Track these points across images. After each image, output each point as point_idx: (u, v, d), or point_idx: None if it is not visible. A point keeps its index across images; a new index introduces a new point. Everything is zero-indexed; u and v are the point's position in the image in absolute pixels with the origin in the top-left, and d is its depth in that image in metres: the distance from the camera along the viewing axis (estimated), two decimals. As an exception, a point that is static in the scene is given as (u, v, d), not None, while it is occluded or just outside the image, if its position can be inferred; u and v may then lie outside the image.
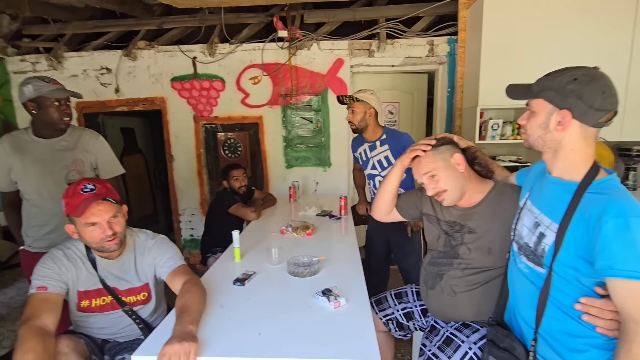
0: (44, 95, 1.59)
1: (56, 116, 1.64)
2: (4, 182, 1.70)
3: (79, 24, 3.31)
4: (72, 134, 1.76)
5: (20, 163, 1.65)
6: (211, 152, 3.45)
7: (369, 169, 2.23)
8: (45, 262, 1.25)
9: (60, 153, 1.71)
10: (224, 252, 1.83)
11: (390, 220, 1.54)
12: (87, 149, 1.78)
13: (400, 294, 1.57)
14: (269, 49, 3.15)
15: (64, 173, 1.70)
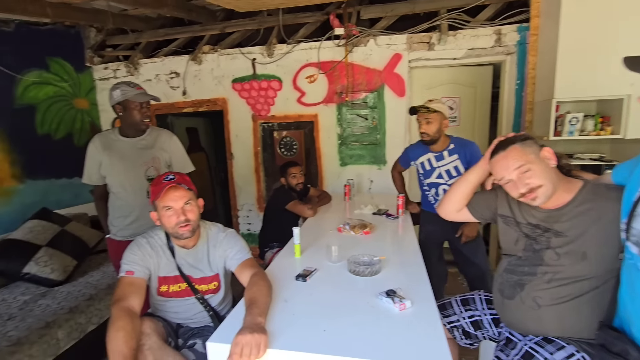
0: (129, 99, 1.78)
1: (138, 118, 1.81)
2: (95, 176, 1.90)
3: (152, 33, 3.61)
4: (151, 134, 1.93)
5: (108, 159, 1.84)
6: (268, 150, 3.57)
7: (433, 178, 2.20)
8: (132, 249, 1.38)
9: (140, 151, 1.88)
10: (283, 248, 1.88)
11: (457, 219, 1.46)
12: (163, 147, 1.94)
13: (467, 300, 1.48)
14: (325, 47, 3.17)
15: (143, 169, 1.88)
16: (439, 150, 2.16)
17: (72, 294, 2.25)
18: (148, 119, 1.86)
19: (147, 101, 1.83)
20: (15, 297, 2.19)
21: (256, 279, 1.28)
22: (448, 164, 2.15)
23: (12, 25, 2.91)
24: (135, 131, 1.89)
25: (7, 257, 2.31)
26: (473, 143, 2.17)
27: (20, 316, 1.98)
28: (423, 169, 2.26)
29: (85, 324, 2.13)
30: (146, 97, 1.81)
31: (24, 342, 1.79)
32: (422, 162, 2.26)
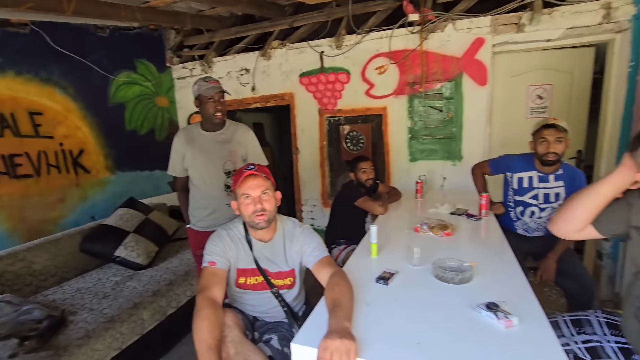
0: (202, 93, 1.83)
1: (211, 111, 1.86)
2: (178, 169, 1.99)
3: (224, 32, 3.74)
4: (229, 128, 1.97)
5: (191, 153, 1.91)
6: (333, 144, 3.50)
7: (527, 197, 2.07)
8: (214, 240, 1.40)
9: (219, 145, 1.93)
10: (351, 245, 1.78)
11: (577, 239, 1.21)
12: (240, 141, 1.97)
13: (580, 321, 1.25)
14: (397, 35, 2.99)
15: (221, 163, 1.92)
16: (546, 173, 2.00)
17: (154, 278, 2.41)
18: (220, 113, 1.89)
19: (219, 95, 1.86)
20: (108, 278, 2.41)
21: (337, 279, 1.21)
22: (551, 188, 2.01)
23: (107, 30, 3.21)
24: (213, 125, 1.94)
25: (103, 240, 2.55)
26: (582, 173, 2.02)
27: (113, 295, 2.17)
28: (519, 185, 2.09)
29: (166, 307, 2.26)
30: (212, 90, 1.84)
31: (116, 320, 1.94)
32: (521, 177, 2.09)
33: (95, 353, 1.79)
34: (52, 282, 2.35)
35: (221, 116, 1.92)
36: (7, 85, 2.48)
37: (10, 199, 2.52)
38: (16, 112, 2.54)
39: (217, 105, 1.88)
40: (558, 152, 1.90)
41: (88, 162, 3.05)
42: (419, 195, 2.67)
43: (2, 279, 2.10)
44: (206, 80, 1.88)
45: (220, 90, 1.89)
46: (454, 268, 1.38)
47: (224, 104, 1.93)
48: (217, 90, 1.86)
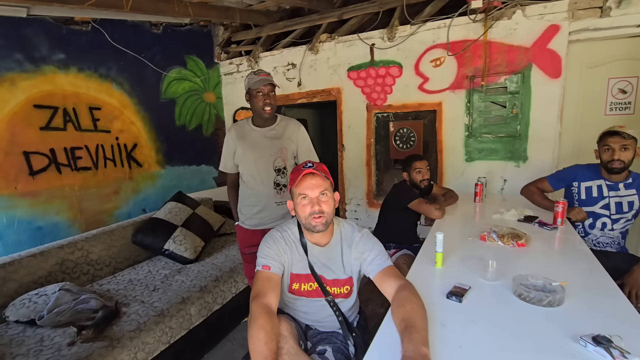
0: (251, 87, 1.76)
1: (259, 105, 1.79)
2: (229, 165, 1.96)
3: (272, 26, 3.70)
4: (280, 124, 1.89)
5: (241, 148, 1.86)
6: (381, 142, 3.34)
7: (597, 207, 1.97)
8: (268, 242, 1.32)
9: (270, 141, 1.86)
10: (418, 254, 1.63)
11: None
12: (291, 138, 1.89)
13: None
14: (456, 24, 2.76)
15: (272, 160, 1.85)
16: (615, 181, 1.93)
17: (201, 273, 2.41)
18: (269, 107, 1.80)
19: (268, 88, 1.78)
20: (157, 270, 2.44)
21: (407, 295, 1.07)
22: (623, 197, 1.92)
23: (160, 27, 3.27)
24: (263, 120, 1.87)
25: (154, 233, 2.60)
26: None
27: (162, 289, 2.18)
28: (587, 194, 2.00)
29: (212, 303, 2.25)
30: (262, 82, 1.76)
31: (166, 314, 1.95)
32: (589, 186, 2.00)
33: (146, 346, 1.80)
34: (106, 271, 2.43)
35: (270, 110, 1.83)
36: (70, 81, 2.59)
37: (71, 190, 2.64)
38: (78, 107, 2.65)
39: (266, 98, 1.80)
40: (624, 160, 1.83)
41: (141, 156, 3.14)
42: (478, 199, 2.45)
43: (62, 267, 2.19)
44: (256, 73, 1.81)
45: (270, 83, 1.80)
46: (538, 287, 1.19)
47: (274, 98, 1.84)
48: (266, 83, 1.77)
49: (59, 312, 1.79)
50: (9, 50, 2.26)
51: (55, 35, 2.49)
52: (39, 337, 1.72)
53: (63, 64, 2.54)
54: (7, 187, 2.28)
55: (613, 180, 1.93)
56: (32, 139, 2.39)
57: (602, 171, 1.96)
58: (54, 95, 2.50)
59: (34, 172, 2.41)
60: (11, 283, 1.95)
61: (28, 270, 2.03)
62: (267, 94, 1.80)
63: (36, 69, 2.40)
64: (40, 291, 1.92)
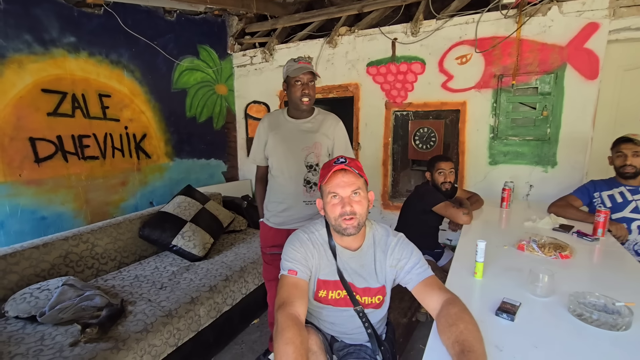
0: (289, 75, 1.62)
1: (297, 95, 1.64)
2: (259, 157, 1.83)
3: (288, 18, 3.57)
4: (317, 117, 1.76)
5: (273, 139, 1.73)
6: (399, 141, 3.21)
7: (626, 212, 1.96)
8: (294, 244, 1.19)
9: (304, 135, 1.72)
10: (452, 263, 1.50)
11: None
12: (327, 133, 1.76)
13: None
14: (486, 20, 2.62)
15: (304, 155, 1.72)
16: (635, 185, 1.97)
17: (210, 271, 2.29)
18: (307, 98, 1.65)
19: (307, 77, 1.63)
20: (165, 267, 2.33)
21: (458, 312, 0.94)
22: None
23: (174, 15, 3.16)
24: (299, 112, 1.73)
25: (162, 228, 2.48)
26: None
27: (170, 287, 2.07)
28: (612, 202, 2.00)
29: (222, 304, 2.13)
30: (301, 70, 1.61)
31: (174, 314, 1.83)
32: (611, 194, 2.02)
33: (152, 349, 1.68)
34: (111, 266, 2.31)
35: (308, 102, 1.67)
36: (80, 66, 2.48)
37: (78, 180, 2.53)
38: (87, 93, 2.54)
39: (305, 88, 1.64)
40: (636, 165, 1.92)
41: (150, 147, 3.03)
42: (505, 205, 2.31)
43: (66, 260, 2.08)
44: (296, 60, 1.65)
45: (310, 72, 1.64)
46: (599, 306, 1.06)
47: (313, 89, 1.68)
48: (305, 71, 1.62)
49: (62, 309, 1.68)
50: (18, 31, 2.15)
51: (66, 17, 2.38)
52: (39, 335, 1.60)
53: (73, 47, 2.43)
54: (12, 173, 2.18)
55: (632, 185, 1.97)
56: (38, 125, 2.28)
57: (618, 178, 2.02)
58: (62, 80, 2.38)
59: (40, 159, 2.31)
60: (12, 275, 1.84)
61: (30, 262, 1.92)
62: (306, 83, 1.64)
63: (45, 51, 2.29)
64: (42, 285, 1.81)
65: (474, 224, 2.06)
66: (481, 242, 1.29)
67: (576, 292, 1.11)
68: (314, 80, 1.66)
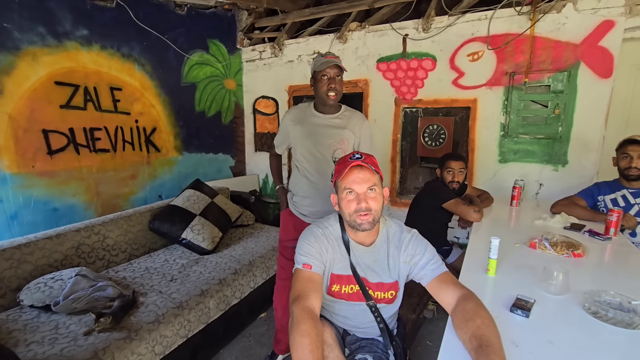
0: (315, 69, 1.62)
1: (323, 90, 1.62)
2: (281, 147, 1.89)
3: (297, 13, 3.56)
4: (345, 114, 1.75)
5: (299, 133, 1.73)
6: (408, 138, 3.20)
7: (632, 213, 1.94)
8: (308, 239, 1.20)
9: (332, 130, 1.71)
10: (464, 260, 1.50)
11: None
12: (354, 130, 1.76)
13: None
14: (499, 17, 2.60)
15: (331, 150, 1.71)
16: (637, 188, 1.96)
17: (219, 265, 2.31)
18: (334, 93, 1.62)
19: (334, 71, 1.60)
20: (174, 260, 2.35)
21: (474, 307, 0.94)
22: None
23: (184, 9, 3.16)
24: (324, 106, 1.72)
25: (171, 221, 2.50)
26: None
27: (180, 279, 2.09)
28: (614, 206, 1.98)
29: (230, 297, 2.15)
30: (327, 64, 1.58)
31: (185, 306, 1.85)
32: (613, 197, 2.02)
33: (164, 340, 1.70)
34: (122, 258, 2.34)
35: (335, 97, 1.64)
36: (92, 59, 2.49)
37: (89, 172, 2.56)
38: (99, 86, 2.55)
39: (332, 83, 1.60)
40: None
41: (159, 140, 3.05)
42: (515, 203, 2.30)
43: (78, 251, 2.10)
44: (323, 55, 1.64)
45: (337, 65, 1.61)
46: (614, 305, 1.06)
47: (340, 83, 1.65)
48: (332, 65, 1.59)
49: (75, 299, 1.70)
50: (32, 23, 2.16)
51: (79, 10, 2.39)
52: (53, 323, 1.63)
53: (86, 40, 2.44)
54: (25, 165, 2.20)
55: (634, 187, 1.96)
56: (51, 117, 2.30)
57: (621, 180, 2.01)
58: (75, 73, 2.40)
59: (52, 151, 2.33)
60: (26, 265, 1.86)
61: (44, 252, 1.94)
62: (333, 77, 1.61)
63: (59, 44, 2.30)
64: (56, 275, 1.84)
65: (484, 222, 2.05)
66: (495, 239, 1.29)
67: (591, 290, 1.10)
68: (340, 74, 1.63)
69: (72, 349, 1.46)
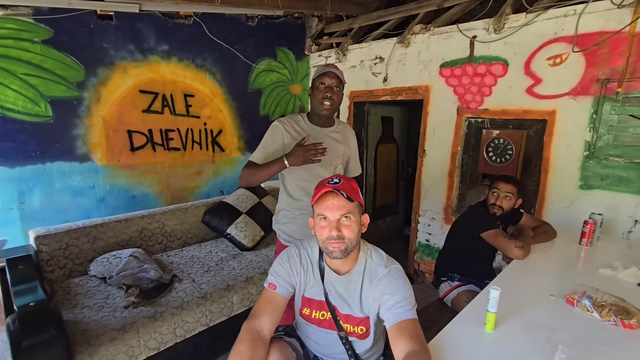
0: (314, 78, 1.57)
1: (318, 98, 1.53)
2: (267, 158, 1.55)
3: (365, 17, 3.49)
4: (339, 127, 1.71)
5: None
6: (470, 151, 2.87)
7: None
8: (282, 258, 1.21)
9: (334, 144, 1.64)
10: (470, 300, 1.31)
11: None
12: (348, 143, 1.72)
13: None
14: (591, 12, 2.12)
15: (333, 166, 1.65)
16: None
17: (252, 263, 2.46)
18: (329, 102, 1.52)
19: (332, 81, 1.52)
20: (217, 253, 2.59)
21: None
22: None
23: (255, 20, 3.40)
24: (318, 117, 1.61)
25: (220, 216, 2.76)
26: None
27: (214, 271, 2.30)
28: None
29: (255, 295, 2.27)
30: (324, 72, 1.51)
31: (209, 298, 2.04)
32: None
33: (185, 324, 1.91)
34: (177, 244, 2.68)
35: (329, 106, 1.52)
36: (170, 69, 2.89)
37: (162, 167, 2.98)
38: (175, 93, 2.95)
39: (327, 91, 1.50)
40: None
41: (224, 141, 3.37)
42: (585, 241, 1.87)
43: (141, 234, 2.49)
44: (324, 64, 1.62)
45: (336, 76, 1.52)
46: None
47: (337, 95, 1.55)
48: (331, 74, 1.50)
49: (125, 276, 2.03)
50: (124, 42, 2.62)
51: (162, 28, 2.79)
52: (106, 293, 1.98)
53: (166, 54, 2.85)
54: (113, 159, 2.69)
55: None
56: (135, 120, 2.75)
57: None
58: (156, 82, 2.82)
59: (134, 148, 2.79)
60: (99, 242, 2.29)
61: (114, 232, 2.36)
62: (330, 87, 1.51)
63: (144, 58, 2.73)
64: (117, 253, 2.22)
65: (531, 259, 1.74)
66: (495, 289, 1.09)
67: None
68: (340, 86, 1.55)
69: (109, 319, 1.75)
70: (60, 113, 2.42)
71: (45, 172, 2.43)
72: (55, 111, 2.40)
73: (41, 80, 2.32)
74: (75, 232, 2.21)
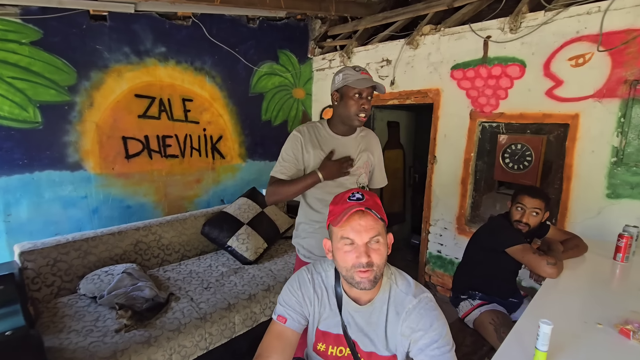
0: (349, 85, 1.39)
1: (354, 109, 1.41)
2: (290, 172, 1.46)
3: (371, 18, 3.37)
4: (360, 133, 1.56)
5: (319, 159, 1.47)
6: (484, 157, 2.72)
7: None
8: (292, 285, 1.04)
9: (360, 153, 1.53)
10: (512, 314, 1.14)
11: None
12: (372, 150, 1.57)
13: None
14: (617, 8, 1.99)
15: (357, 175, 1.52)
16: None
17: (255, 278, 2.29)
18: (364, 114, 1.42)
19: (368, 91, 1.41)
20: (217, 267, 2.42)
21: None
22: None
23: (257, 22, 3.27)
24: (347, 127, 1.50)
25: (220, 227, 2.60)
26: None
27: (214, 288, 2.13)
28: None
29: (259, 314, 2.11)
30: (367, 82, 1.38)
31: (208, 319, 1.87)
32: None
33: (182, 349, 1.74)
34: (175, 257, 2.51)
35: (364, 119, 1.44)
36: (168, 73, 2.75)
37: (159, 175, 2.83)
38: (172, 97, 2.80)
39: (365, 103, 1.41)
40: None
41: (224, 148, 3.22)
42: (621, 257, 1.71)
43: (136, 248, 2.33)
44: (357, 69, 1.41)
45: (373, 86, 1.40)
46: None
47: (370, 104, 1.45)
48: (369, 85, 1.38)
49: (117, 295, 1.87)
50: (119, 44, 2.47)
51: (159, 29, 2.65)
52: (97, 315, 1.81)
53: (163, 56, 2.71)
54: (106, 167, 2.54)
55: None
56: (130, 126, 2.60)
57: None
58: (152, 86, 2.68)
59: (129, 155, 2.63)
60: (91, 256, 2.13)
61: (106, 246, 2.20)
62: (366, 97, 1.41)
63: (140, 61, 2.59)
64: (109, 269, 2.05)
65: (565, 277, 1.57)
66: (546, 324, 0.92)
67: None
68: (372, 95, 1.43)
69: (97, 345, 1.58)
70: (50, 119, 2.27)
71: (34, 182, 2.27)
72: (44, 117, 2.25)
73: (29, 83, 2.18)
74: (64, 247, 2.05)
